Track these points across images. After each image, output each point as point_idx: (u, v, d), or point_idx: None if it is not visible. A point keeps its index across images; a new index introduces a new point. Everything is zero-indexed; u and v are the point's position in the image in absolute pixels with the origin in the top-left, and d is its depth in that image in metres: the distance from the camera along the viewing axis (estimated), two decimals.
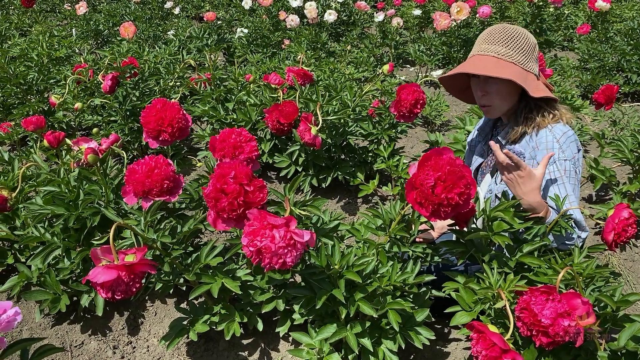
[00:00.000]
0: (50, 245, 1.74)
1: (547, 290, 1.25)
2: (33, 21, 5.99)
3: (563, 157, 1.56)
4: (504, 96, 1.63)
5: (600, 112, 3.84)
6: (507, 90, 1.61)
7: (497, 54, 1.60)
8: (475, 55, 1.65)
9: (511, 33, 1.61)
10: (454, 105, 4.32)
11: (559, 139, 1.57)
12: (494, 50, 1.60)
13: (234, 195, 1.23)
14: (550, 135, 1.58)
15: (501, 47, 1.60)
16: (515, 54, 1.59)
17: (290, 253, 1.11)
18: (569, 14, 6.29)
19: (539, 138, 1.60)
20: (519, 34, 1.62)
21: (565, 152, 1.57)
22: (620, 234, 1.45)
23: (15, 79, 3.13)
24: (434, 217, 1.23)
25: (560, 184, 1.55)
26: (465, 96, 1.85)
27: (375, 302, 1.44)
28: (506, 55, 1.59)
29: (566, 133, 1.58)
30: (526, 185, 1.45)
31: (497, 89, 1.61)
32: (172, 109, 1.73)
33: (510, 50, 1.60)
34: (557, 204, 1.52)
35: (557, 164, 1.56)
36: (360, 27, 5.87)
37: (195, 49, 4.72)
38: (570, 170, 1.56)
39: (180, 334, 1.63)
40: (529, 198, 1.46)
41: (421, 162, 1.23)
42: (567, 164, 1.56)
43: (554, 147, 1.57)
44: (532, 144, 1.62)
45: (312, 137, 2.15)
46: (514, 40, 1.60)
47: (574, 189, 1.56)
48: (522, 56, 1.60)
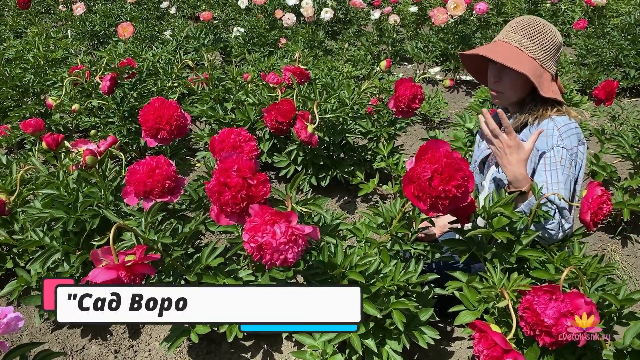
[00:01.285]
0: (49, 249, 1.73)
1: (550, 289, 1.25)
2: (28, 23, 5.95)
3: (561, 145, 1.55)
4: (516, 88, 1.63)
5: (600, 108, 3.83)
6: (521, 83, 1.61)
7: (520, 44, 1.59)
8: (499, 40, 1.65)
9: (539, 28, 1.61)
10: (453, 102, 4.32)
11: (560, 128, 1.57)
12: (518, 40, 1.60)
13: (237, 189, 1.22)
14: (551, 124, 1.58)
15: (525, 39, 1.60)
16: (537, 49, 1.59)
17: (291, 249, 1.10)
18: (566, 9, 6.28)
19: (540, 127, 1.60)
20: (547, 31, 1.61)
21: (564, 140, 1.55)
22: (597, 213, 1.45)
23: (11, 82, 3.11)
24: (432, 211, 1.22)
25: (553, 170, 1.54)
26: (480, 76, 1.85)
27: (379, 303, 1.43)
28: (528, 48, 1.59)
29: (568, 124, 1.58)
30: (513, 156, 1.46)
31: (511, 79, 1.61)
32: (170, 107, 1.73)
33: (534, 45, 1.59)
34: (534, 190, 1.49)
35: (554, 150, 1.55)
36: (357, 25, 5.85)
37: (192, 49, 4.70)
38: (565, 159, 1.54)
39: (181, 336, 1.62)
40: (515, 168, 1.46)
41: (418, 155, 1.22)
42: (563, 152, 1.54)
43: (554, 134, 1.56)
44: (533, 131, 1.61)
45: (309, 135, 2.14)
46: (541, 35, 1.60)
47: (567, 179, 1.54)
48: (543, 53, 1.60)
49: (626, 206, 2.27)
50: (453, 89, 4.57)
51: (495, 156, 1.51)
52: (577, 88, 4.31)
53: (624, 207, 2.27)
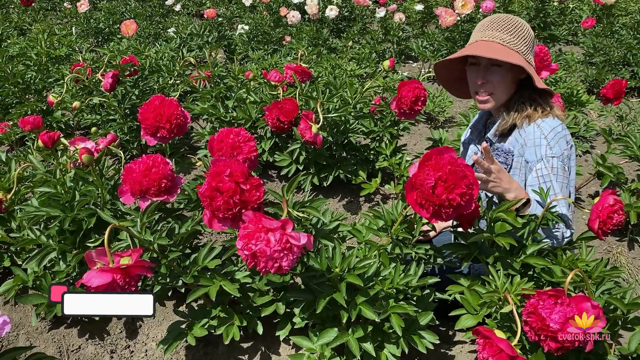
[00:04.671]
0: (45, 247, 1.71)
1: (555, 293, 1.21)
2: (33, 20, 5.95)
3: (551, 154, 1.51)
4: (506, 86, 1.58)
5: (607, 107, 3.78)
6: (510, 79, 1.57)
7: (502, 41, 1.55)
8: (478, 41, 1.60)
9: (515, 22, 1.58)
10: (458, 101, 4.27)
11: (547, 135, 1.52)
12: (499, 37, 1.56)
13: (229, 194, 1.19)
14: (538, 131, 1.54)
15: (506, 35, 1.56)
16: (519, 43, 1.56)
17: (286, 257, 1.07)
18: (574, 7, 6.22)
19: (527, 134, 1.56)
20: (522, 25, 1.59)
21: (554, 148, 1.51)
22: (606, 222, 1.41)
23: (13, 78, 3.10)
24: (434, 219, 1.19)
25: (547, 182, 1.50)
26: (454, 87, 1.79)
27: (377, 306, 1.40)
28: (511, 43, 1.55)
29: (555, 128, 1.54)
30: (504, 178, 1.41)
31: (501, 77, 1.56)
32: (170, 105, 1.70)
33: (515, 39, 1.56)
34: (541, 197, 1.46)
35: (544, 162, 1.51)
36: (362, 23, 5.81)
37: (196, 46, 4.68)
38: (558, 167, 1.50)
39: (178, 338, 1.59)
40: (512, 186, 1.41)
41: (422, 161, 1.19)
42: (554, 161, 1.50)
43: (542, 144, 1.52)
44: (520, 140, 1.58)
45: (313, 135, 2.11)
46: (518, 29, 1.57)
47: (562, 187, 1.51)
48: (525, 47, 1.57)
49: (633, 209, 2.23)
50: None
51: (492, 191, 1.43)
52: (585, 88, 4.26)
53: (631, 209, 2.23)
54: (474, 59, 1.60)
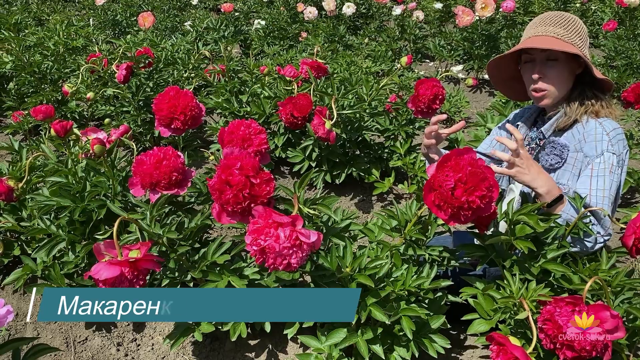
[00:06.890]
0: (55, 237, 1.70)
1: (573, 300, 1.17)
2: (52, 10, 5.99)
3: (612, 150, 1.47)
4: (563, 80, 1.54)
5: (628, 112, 3.69)
6: (567, 74, 1.53)
7: (556, 34, 1.52)
8: (532, 37, 1.56)
9: (567, 17, 1.55)
10: (475, 102, 4.21)
11: (609, 133, 1.48)
12: (553, 31, 1.52)
13: (239, 188, 1.16)
14: (600, 128, 1.49)
15: (560, 29, 1.52)
16: (574, 37, 1.52)
17: (295, 254, 1.05)
18: (596, 9, 6.10)
19: (587, 130, 1.51)
20: (575, 19, 1.56)
21: (614, 146, 1.47)
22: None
23: (29, 68, 3.11)
24: (452, 221, 1.16)
25: (600, 176, 1.45)
26: (509, 87, 1.75)
27: (388, 308, 1.36)
28: (565, 36, 1.52)
29: (616, 129, 1.50)
30: (533, 167, 1.38)
31: (557, 71, 1.52)
32: (185, 96, 1.68)
33: (570, 33, 1.52)
34: (576, 201, 1.41)
35: (604, 156, 1.46)
36: (379, 20, 5.76)
37: (212, 40, 4.67)
38: (615, 165, 1.46)
39: (184, 333, 1.58)
40: (542, 177, 1.38)
41: (440, 162, 1.15)
42: (614, 158, 1.46)
43: (603, 139, 1.48)
44: (578, 136, 1.52)
45: (326, 132, 2.08)
46: (572, 24, 1.54)
47: (612, 186, 1.45)
48: (579, 40, 1.53)
49: None
50: (475, 88, 4.46)
51: (518, 177, 1.39)
52: None
53: None
54: (529, 56, 1.57)
